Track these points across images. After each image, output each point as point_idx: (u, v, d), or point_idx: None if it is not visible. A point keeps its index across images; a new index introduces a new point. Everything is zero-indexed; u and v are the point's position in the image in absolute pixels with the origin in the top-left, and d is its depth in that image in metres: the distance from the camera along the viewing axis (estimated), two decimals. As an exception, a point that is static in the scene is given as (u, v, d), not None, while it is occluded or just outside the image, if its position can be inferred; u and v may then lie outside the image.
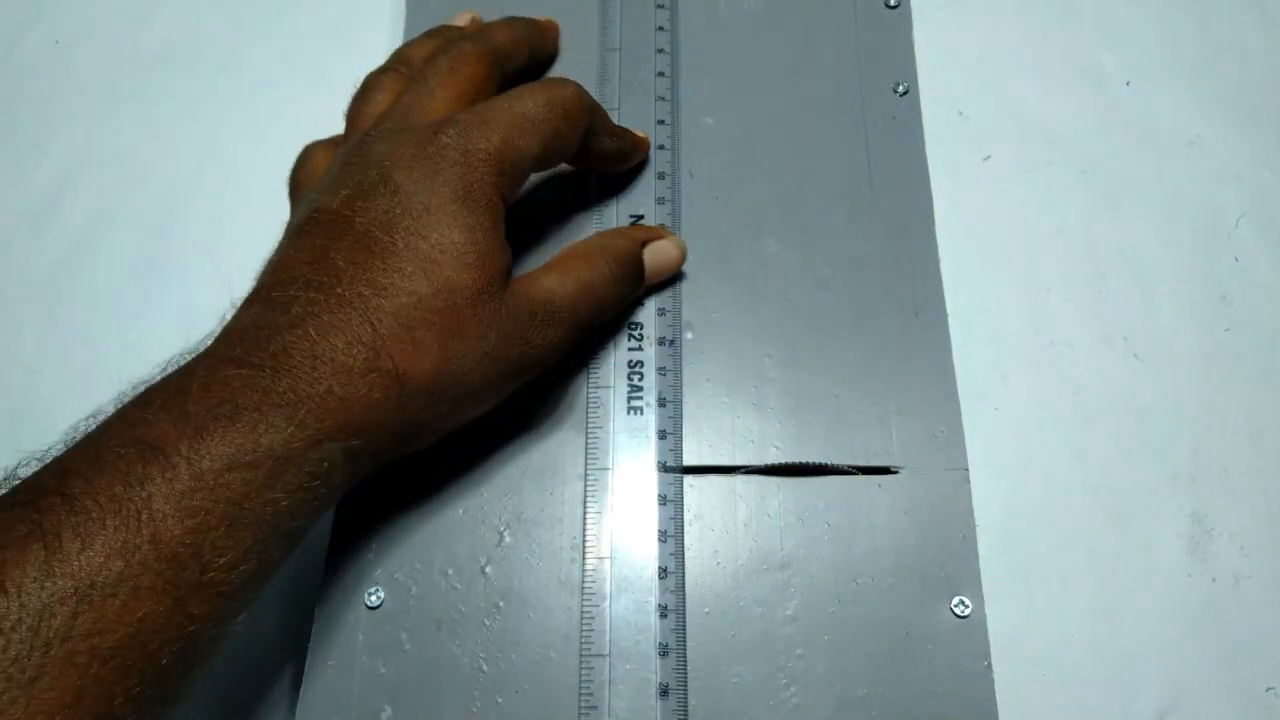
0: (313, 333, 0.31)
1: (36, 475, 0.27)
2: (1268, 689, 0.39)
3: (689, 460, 0.39)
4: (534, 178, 0.43)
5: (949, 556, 0.38)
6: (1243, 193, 0.47)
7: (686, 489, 0.39)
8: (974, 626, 0.37)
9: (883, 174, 0.45)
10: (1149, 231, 0.47)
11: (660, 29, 0.48)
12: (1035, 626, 0.40)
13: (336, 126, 0.50)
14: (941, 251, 0.44)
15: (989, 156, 0.48)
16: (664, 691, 0.35)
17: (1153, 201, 0.47)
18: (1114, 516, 0.41)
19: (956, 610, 0.37)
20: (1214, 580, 0.41)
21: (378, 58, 0.51)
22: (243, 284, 0.46)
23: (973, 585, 0.37)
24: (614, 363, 0.41)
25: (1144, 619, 0.40)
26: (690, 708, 0.36)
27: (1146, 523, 0.41)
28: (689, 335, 0.42)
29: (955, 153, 0.48)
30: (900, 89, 0.47)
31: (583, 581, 0.37)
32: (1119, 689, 0.39)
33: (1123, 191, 0.48)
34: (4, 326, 0.46)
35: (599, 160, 0.42)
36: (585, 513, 0.38)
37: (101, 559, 0.25)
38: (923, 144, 0.46)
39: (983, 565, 0.39)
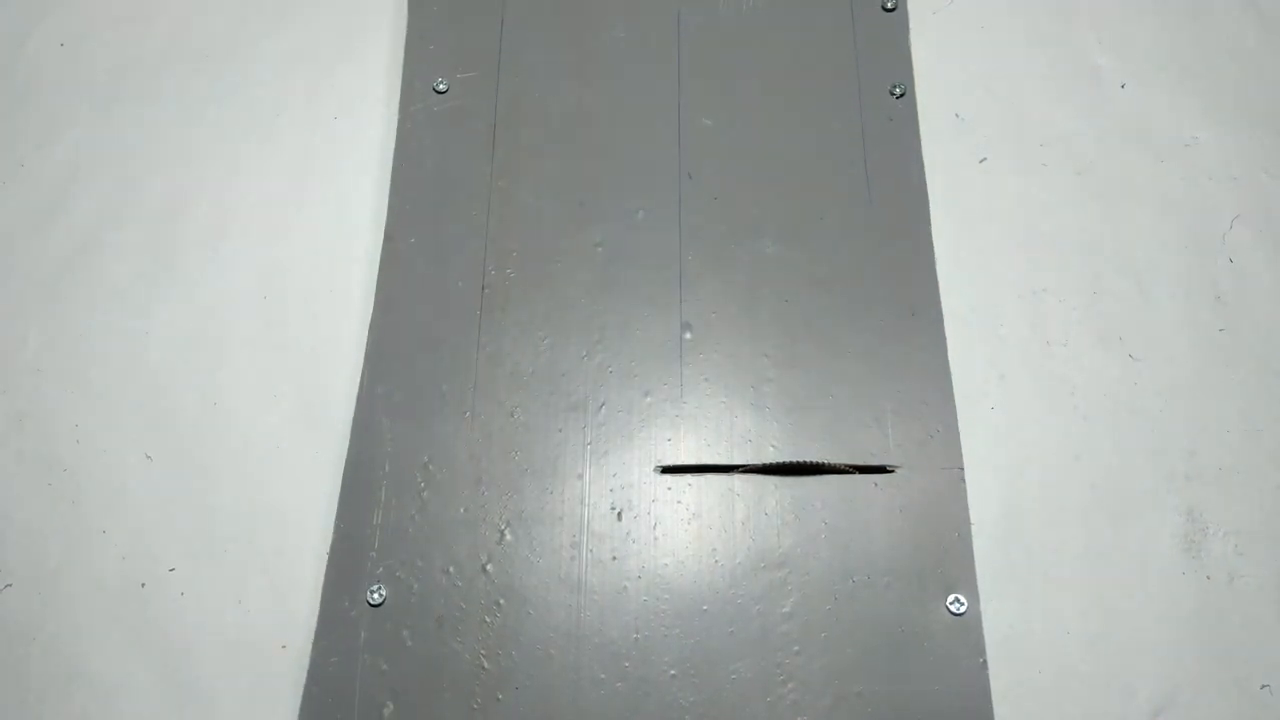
0: None
1: None
2: (1263, 686, 0.39)
3: (687, 460, 0.40)
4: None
5: (945, 554, 0.38)
6: (1238, 194, 0.48)
7: (685, 488, 0.39)
8: (969, 623, 0.37)
9: (879, 175, 0.45)
10: (1144, 233, 0.47)
11: None
12: (1032, 624, 0.40)
13: (338, 125, 0.50)
14: (938, 252, 0.44)
15: (985, 158, 0.48)
16: None
17: (1148, 203, 0.48)
18: (1110, 515, 0.42)
19: (952, 608, 0.37)
20: (1209, 578, 0.41)
21: (380, 58, 0.52)
22: (245, 283, 0.46)
23: (968, 583, 0.38)
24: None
25: (1140, 617, 0.40)
26: (688, 704, 0.36)
27: (1142, 521, 0.41)
28: (687, 336, 0.42)
29: (952, 154, 0.48)
30: (897, 91, 0.47)
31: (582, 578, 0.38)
32: (1115, 686, 0.39)
33: (1118, 193, 0.48)
34: (8, 326, 0.46)
35: None
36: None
37: None
38: (919, 145, 0.46)
39: (980, 564, 0.39)
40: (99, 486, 0.42)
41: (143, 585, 0.40)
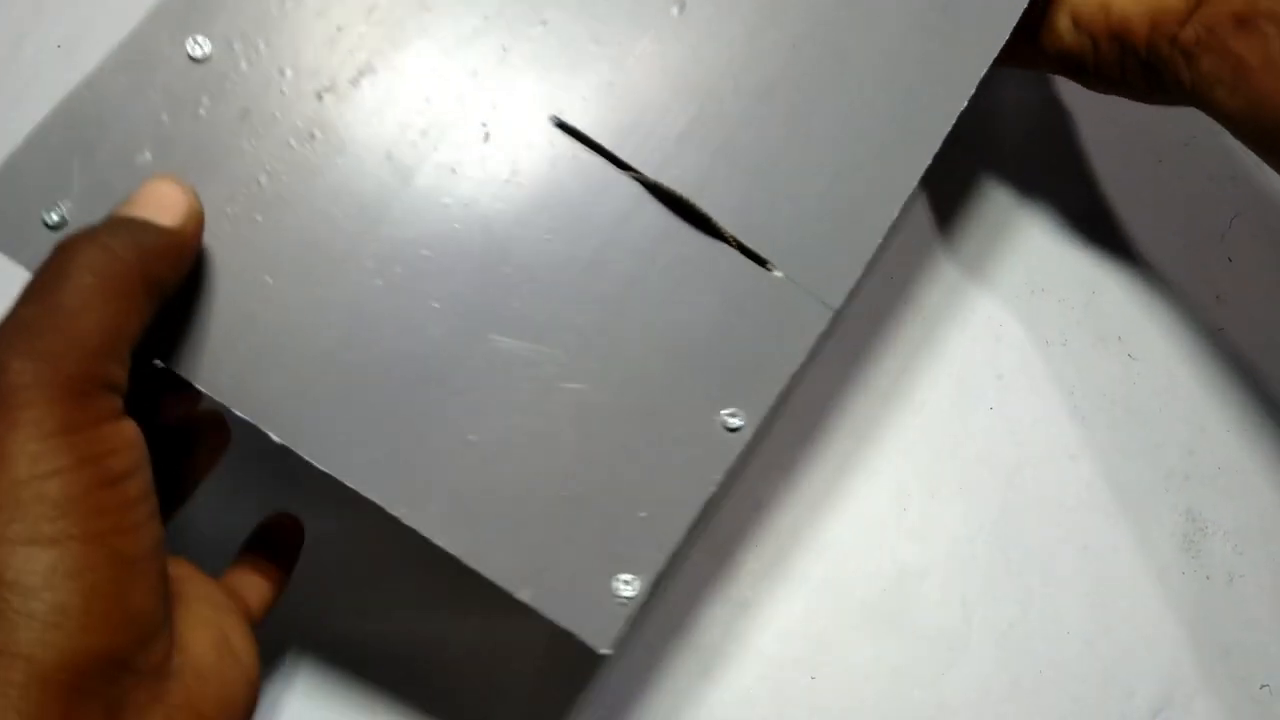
0: None
1: None
2: (1262, 686, 0.39)
3: (590, 130, 0.33)
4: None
5: (747, 370, 0.32)
6: (1237, 193, 0.48)
7: (568, 156, 0.33)
8: (731, 443, 0.31)
9: None
10: (1144, 231, 0.47)
11: None
12: (1031, 624, 0.40)
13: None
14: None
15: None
16: None
17: (1147, 202, 0.47)
18: (1108, 515, 0.42)
19: (727, 421, 0.31)
20: (1208, 578, 0.41)
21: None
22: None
23: (757, 406, 0.31)
24: None
25: (1139, 617, 0.40)
26: (434, 336, 0.31)
27: (1141, 521, 0.41)
28: (675, 10, 0.34)
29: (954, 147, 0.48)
30: None
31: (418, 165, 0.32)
32: (1114, 686, 0.39)
33: (1118, 191, 0.48)
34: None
35: None
36: None
37: None
38: None
39: (978, 563, 0.39)
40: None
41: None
